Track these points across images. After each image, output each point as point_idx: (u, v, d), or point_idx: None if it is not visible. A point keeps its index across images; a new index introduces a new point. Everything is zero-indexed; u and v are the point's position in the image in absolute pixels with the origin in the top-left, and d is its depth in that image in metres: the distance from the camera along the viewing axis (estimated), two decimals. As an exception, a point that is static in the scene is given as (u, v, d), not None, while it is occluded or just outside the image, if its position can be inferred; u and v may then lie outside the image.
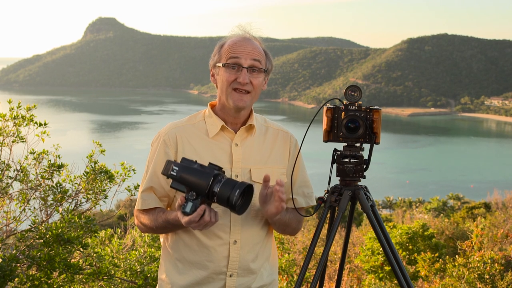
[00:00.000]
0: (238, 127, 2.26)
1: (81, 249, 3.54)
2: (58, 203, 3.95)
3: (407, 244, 7.61)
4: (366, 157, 2.33)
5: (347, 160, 2.33)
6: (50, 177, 3.98)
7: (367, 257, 7.20)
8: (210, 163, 1.97)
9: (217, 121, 2.24)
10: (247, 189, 1.95)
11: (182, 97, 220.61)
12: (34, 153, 4.04)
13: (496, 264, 4.77)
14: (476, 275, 4.75)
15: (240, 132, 2.25)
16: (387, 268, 6.81)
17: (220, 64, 2.18)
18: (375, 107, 2.30)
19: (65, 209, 3.91)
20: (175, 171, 1.94)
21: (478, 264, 4.80)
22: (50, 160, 4.03)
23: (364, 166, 2.34)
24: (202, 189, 1.91)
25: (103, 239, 4.72)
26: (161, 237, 2.36)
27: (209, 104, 2.33)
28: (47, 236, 3.41)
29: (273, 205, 2.08)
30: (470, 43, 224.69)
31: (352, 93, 2.30)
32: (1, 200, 3.88)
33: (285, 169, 2.31)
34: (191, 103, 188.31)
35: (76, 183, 4.08)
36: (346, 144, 2.33)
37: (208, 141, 2.23)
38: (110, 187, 4.17)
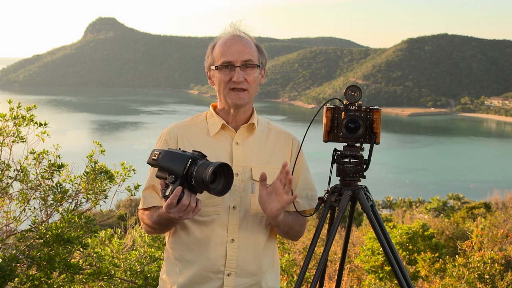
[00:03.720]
0: (239, 126, 2.27)
1: (81, 249, 3.54)
2: (58, 203, 3.95)
3: (407, 244, 7.61)
4: (366, 157, 2.33)
5: (347, 160, 2.33)
6: (50, 177, 3.98)
7: (367, 257, 7.20)
8: (193, 150, 1.99)
9: (218, 120, 2.26)
10: (224, 170, 1.94)
11: (182, 97, 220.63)
12: (34, 153, 4.04)
13: (496, 264, 4.77)
14: (476, 275, 4.75)
15: (241, 131, 2.26)
16: (387, 268, 6.81)
17: (214, 67, 2.20)
18: (375, 107, 2.30)
19: (65, 209, 3.91)
20: (156, 156, 1.97)
21: (478, 264, 4.80)
22: (50, 160, 4.03)
23: (364, 166, 2.33)
24: (179, 171, 1.91)
25: (103, 239, 4.72)
26: (165, 238, 2.37)
27: (211, 105, 2.34)
28: (47, 236, 3.41)
29: (276, 202, 2.08)
30: (470, 43, 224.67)
31: (352, 93, 2.30)
32: (1, 200, 3.88)
33: None
34: (191, 103, 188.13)
35: (76, 183, 4.08)
36: (346, 144, 2.32)
37: (209, 140, 2.24)
38: (110, 187, 4.17)
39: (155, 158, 1.97)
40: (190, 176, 1.90)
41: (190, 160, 1.91)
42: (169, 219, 2.10)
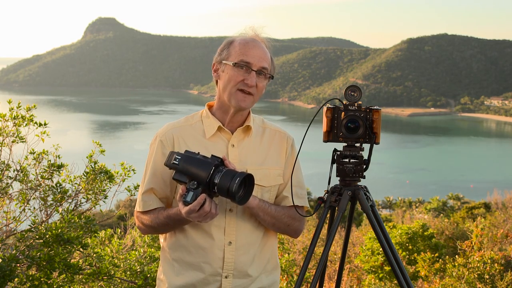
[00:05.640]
0: (235, 128, 2.25)
1: (81, 249, 3.54)
2: (58, 203, 3.95)
3: (407, 244, 7.60)
4: (366, 157, 2.33)
5: (347, 160, 2.33)
6: (50, 177, 3.98)
7: (367, 257, 7.20)
8: (212, 155, 2.01)
9: (214, 122, 2.24)
10: (248, 179, 1.97)
11: (182, 97, 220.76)
12: (34, 153, 4.04)
13: (496, 264, 4.77)
14: (476, 275, 4.76)
15: (237, 133, 2.24)
16: (387, 268, 6.81)
17: (229, 62, 2.15)
18: (375, 107, 2.30)
19: (65, 209, 3.91)
20: (177, 160, 1.98)
21: (478, 264, 4.80)
22: (50, 160, 4.03)
23: (364, 166, 2.33)
24: (203, 178, 1.94)
25: (103, 239, 4.71)
26: (161, 238, 2.36)
27: (207, 105, 2.32)
28: (47, 236, 3.41)
29: None
30: (470, 43, 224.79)
31: (352, 93, 2.30)
32: (1, 200, 3.88)
33: (282, 170, 2.30)
34: (191, 103, 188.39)
35: (76, 183, 4.08)
36: (346, 144, 2.32)
37: (204, 142, 2.23)
38: (110, 187, 4.17)
39: (176, 162, 1.98)
40: (212, 183, 1.94)
41: (213, 168, 1.94)
42: (180, 221, 2.11)
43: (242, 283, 2.22)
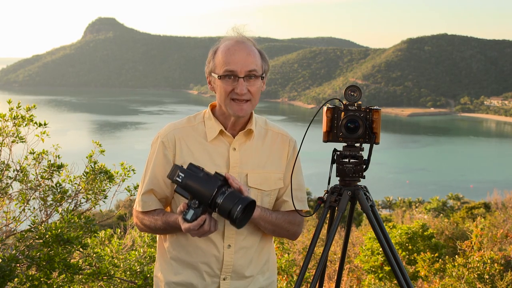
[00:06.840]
0: (237, 131, 2.24)
1: (80, 249, 3.54)
2: (58, 203, 3.95)
3: (406, 244, 7.60)
4: (365, 157, 2.33)
5: (347, 160, 2.33)
6: (49, 177, 3.98)
7: (366, 257, 7.20)
8: (216, 172, 1.98)
9: (216, 125, 2.22)
10: (249, 205, 1.96)
11: (182, 97, 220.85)
12: (33, 153, 4.04)
13: (495, 264, 4.77)
14: (476, 275, 4.76)
15: (239, 137, 2.23)
16: (387, 268, 6.80)
17: (216, 76, 2.13)
18: (375, 107, 2.30)
19: (65, 209, 3.91)
20: (180, 177, 1.94)
21: (478, 264, 4.80)
22: (50, 160, 4.03)
23: (364, 166, 2.33)
24: (205, 198, 1.92)
25: (103, 239, 4.71)
26: (158, 236, 2.36)
27: (210, 105, 2.30)
28: (47, 236, 3.41)
29: None
30: (470, 43, 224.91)
31: (352, 93, 2.30)
32: (1, 200, 3.88)
33: (282, 173, 2.29)
34: (191, 103, 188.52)
35: (75, 183, 4.08)
36: (345, 144, 2.32)
37: (206, 145, 2.21)
38: (110, 187, 4.17)
39: (179, 179, 1.95)
40: (214, 204, 1.92)
41: (216, 189, 1.92)
42: (177, 229, 2.10)
43: (240, 284, 2.23)
